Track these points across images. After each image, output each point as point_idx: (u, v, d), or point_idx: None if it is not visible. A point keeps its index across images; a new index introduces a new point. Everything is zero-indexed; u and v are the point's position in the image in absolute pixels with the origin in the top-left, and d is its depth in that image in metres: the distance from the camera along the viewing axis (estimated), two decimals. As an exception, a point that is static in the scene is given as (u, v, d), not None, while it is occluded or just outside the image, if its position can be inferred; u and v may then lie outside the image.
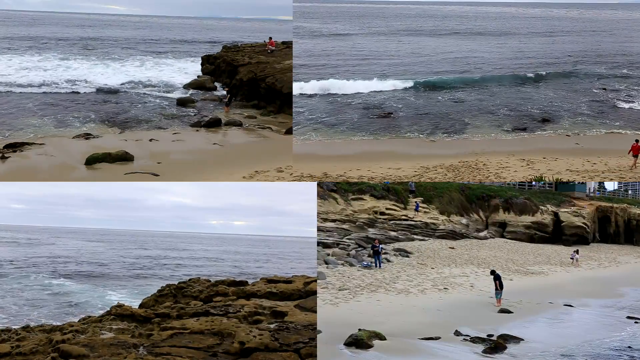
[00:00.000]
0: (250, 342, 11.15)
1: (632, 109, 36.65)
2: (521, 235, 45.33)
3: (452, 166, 24.78)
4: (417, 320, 17.66)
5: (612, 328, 18.68)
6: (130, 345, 11.12)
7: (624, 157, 26.21)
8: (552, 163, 25.45)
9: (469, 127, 31.79)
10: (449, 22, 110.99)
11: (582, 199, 53.76)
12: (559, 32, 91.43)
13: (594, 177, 24.66)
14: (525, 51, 62.77)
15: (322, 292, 20.04)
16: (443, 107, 36.00)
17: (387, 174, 23.86)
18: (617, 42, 73.75)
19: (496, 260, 33.06)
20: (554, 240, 46.13)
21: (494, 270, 22.61)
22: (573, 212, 48.61)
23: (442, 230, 39.95)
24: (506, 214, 46.35)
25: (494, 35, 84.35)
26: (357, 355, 13.89)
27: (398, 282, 23.87)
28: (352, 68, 47.97)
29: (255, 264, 60.44)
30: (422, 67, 49.51)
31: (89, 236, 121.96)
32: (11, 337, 12.52)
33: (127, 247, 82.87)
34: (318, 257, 28.13)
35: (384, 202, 39.01)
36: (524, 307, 21.09)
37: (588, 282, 28.57)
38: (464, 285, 24.75)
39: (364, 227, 35.42)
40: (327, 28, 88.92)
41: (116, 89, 39.18)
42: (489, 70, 48.53)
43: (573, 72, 48.04)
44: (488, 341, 15.63)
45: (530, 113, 34.98)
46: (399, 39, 75.65)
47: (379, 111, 34.46)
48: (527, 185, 52.86)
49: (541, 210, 47.39)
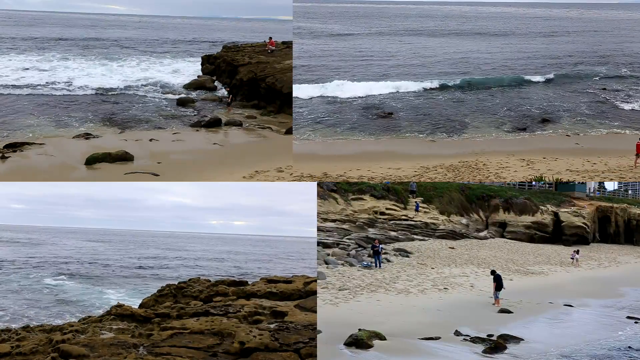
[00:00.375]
0: (250, 342, 11.15)
1: (633, 109, 36.66)
2: (521, 235, 45.32)
3: (452, 166, 24.79)
4: (417, 320, 17.66)
5: (612, 328, 18.67)
6: (130, 345, 11.12)
7: (624, 157, 26.22)
8: (552, 163, 25.46)
9: (469, 127, 31.81)
10: (473, 23, 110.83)
11: (582, 199, 53.74)
12: (559, 32, 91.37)
13: (594, 177, 24.67)
14: (543, 51, 62.64)
15: (322, 292, 20.04)
16: (443, 107, 36.02)
17: (387, 174, 23.87)
18: (617, 42, 73.74)
19: (496, 260, 33.06)
20: (554, 240, 46.11)
21: (494, 271, 22.60)
22: (573, 212, 48.61)
23: (442, 230, 39.94)
24: (506, 214, 46.35)
25: (497, 35, 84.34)
26: (357, 355, 13.89)
27: (398, 282, 23.86)
28: (381, 70, 47.97)
29: (255, 264, 60.42)
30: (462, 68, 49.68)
31: (89, 236, 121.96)
32: (11, 337, 12.53)
33: (127, 247, 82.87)
34: (318, 257, 28.13)
35: (384, 202, 39.00)
36: (524, 307, 21.08)
37: (588, 282, 28.55)
38: (464, 285, 24.74)
39: (364, 227, 35.41)
40: (334, 28, 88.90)
41: (115, 89, 39.19)
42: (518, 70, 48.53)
43: (573, 72, 48.10)
44: (488, 341, 15.63)
45: (530, 113, 35.01)
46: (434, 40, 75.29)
47: (379, 111, 34.48)
48: (527, 185, 52.86)
49: (541, 210, 47.38)
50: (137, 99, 36.85)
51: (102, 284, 37.14)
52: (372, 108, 35.29)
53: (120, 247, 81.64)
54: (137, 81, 42.23)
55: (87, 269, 45.91)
